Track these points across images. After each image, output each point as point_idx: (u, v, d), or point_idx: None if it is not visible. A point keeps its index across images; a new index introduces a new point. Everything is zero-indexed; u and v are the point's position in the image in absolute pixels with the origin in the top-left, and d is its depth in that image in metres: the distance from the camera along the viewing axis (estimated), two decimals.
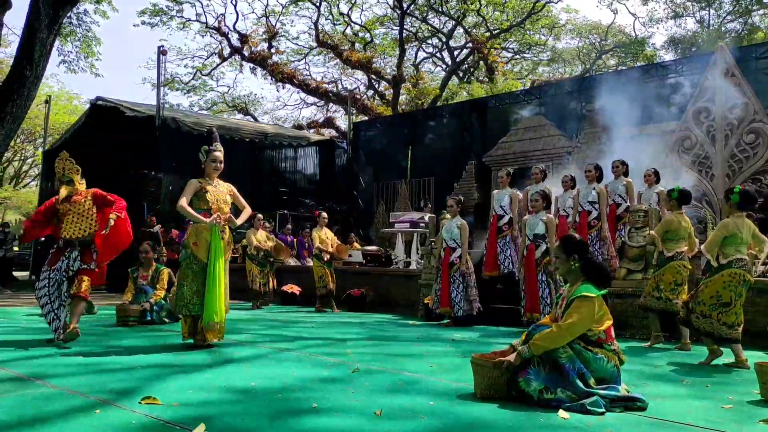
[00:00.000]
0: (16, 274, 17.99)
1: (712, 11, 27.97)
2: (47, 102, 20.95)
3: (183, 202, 5.37)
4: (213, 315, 5.28)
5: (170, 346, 5.57)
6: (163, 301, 7.74)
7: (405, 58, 29.65)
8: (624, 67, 25.24)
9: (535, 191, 7.64)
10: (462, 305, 7.85)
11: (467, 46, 30.07)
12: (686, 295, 5.83)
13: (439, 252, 8.24)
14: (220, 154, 5.59)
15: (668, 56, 27.80)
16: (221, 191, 5.60)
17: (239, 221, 5.62)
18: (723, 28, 27.69)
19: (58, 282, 5.43)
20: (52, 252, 5.63)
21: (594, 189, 8.34)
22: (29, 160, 39.42)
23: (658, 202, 8.41)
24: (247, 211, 5.86)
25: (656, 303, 6.19)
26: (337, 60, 30.51)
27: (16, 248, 20.49)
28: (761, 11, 26.82)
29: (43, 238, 18.68)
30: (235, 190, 5.75)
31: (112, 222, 5.48)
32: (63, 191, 5.58)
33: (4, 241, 16.81)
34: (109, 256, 5.88)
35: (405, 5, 27.50)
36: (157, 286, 7.76)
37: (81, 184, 5.71)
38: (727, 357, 5.25)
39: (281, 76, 29.02)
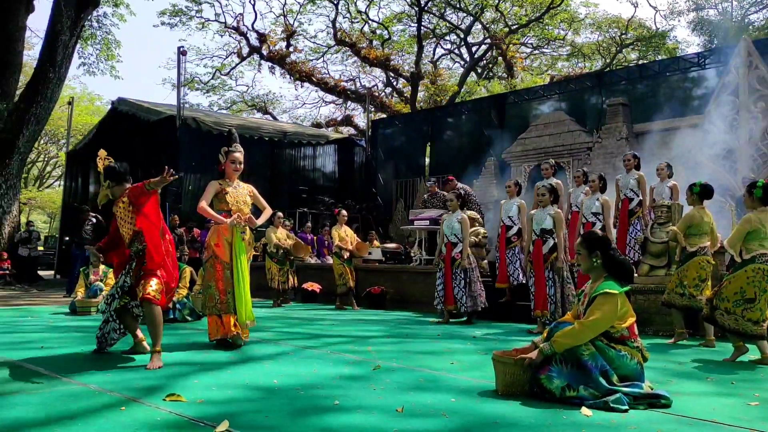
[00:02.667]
0: (41, 273, 18.26)
1: (734, 2, 27.55)
2: (70, 103, 21.24)
3: (203, 204, 5.42)
4: (244, 315, 5.34)
5: (193, 343, 5.63)
6: (185, 300, 7.82)
7: (423, 54, 29.62)
8: (645, 61, 24.94)
9: (542, 185, 7.53)
10: (465, 302, 7.76)
11: (485, 42, 29.93)
12: (710, 291, 5.76)
13: (440, 248, 8.15)
14: (239, 155, 5.60)
15: (690, 49, 27.44)
16: (241, 192, 5.61)
17: (259, 222, 5.64)
18: (746, 20, 27.25)
19: (111, 296, 4.80)
20: None
21: (597, 200, 7.94)
22: (53, 161, 40.02)
23: (670, 196, 8.30)
24: (268, 212, 5.88)
25: (680, 299, 6.12)
26: (355, 58, 30.56)
27: (40, 248, 20.82)
28: None
29: (67, 238, 19.01)
30: (255, 191, 5.77)
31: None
32: (102, 194, 4.92)
33: (29, 239, 17.07)
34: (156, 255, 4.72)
35: (422, 2, 27.43)
36: (180, 284, 7.83)
37: (113, 186, 4.91)
38: (752, 354, 5.19)
39: (299, 74, 29.13)
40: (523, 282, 8.15)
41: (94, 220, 12.60)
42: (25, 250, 16.87)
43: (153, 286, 4.55)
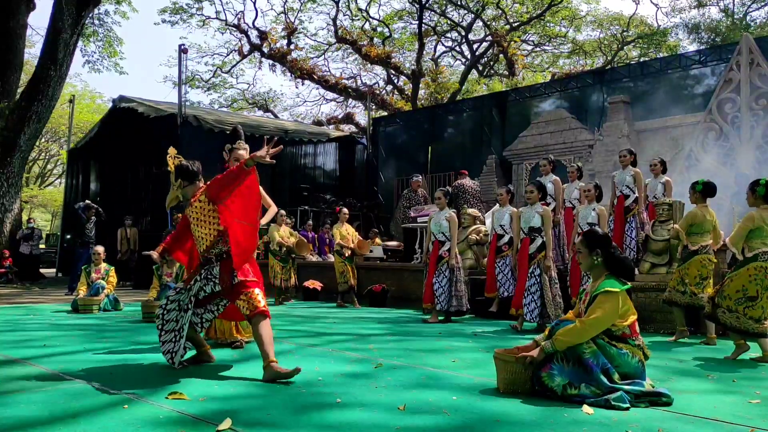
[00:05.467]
0: (42, 271, 18.29)
1: (736, 0, 27.49)
2: (71, 101, 21.24)
3: None
4: None
5: None
6: None
7: (424, 52, 29.58)
8: (646, 59, 24.90)
9: (530, 182, 7.43)
10: (448, 300, 7.63)
11: (486, 39, 29.90)
12: (711, 289, 5.77)
13: (427, 246, 8.04)
14: (244, 152, 5.45)
15: (690, 46, 27.41)
16: None
17: (265, 219, 5.59)
18: (748, 17, 27.20)
19: (183, 306, 4.22)
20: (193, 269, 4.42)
21: (594, 210, 7.51)
22: (54, 159, 40.05)
23: (663, 192, 8.28)
24: (273, 209, 5.83)
25: (681, 297, 6.13)
26: (356, 55, 30.55)
27: (42, 245, 20.85)
28: None
29: (69, 236, 19.00)
30: (260, 189, 5.72)
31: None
32: (172, 195, 4.32)
33: (31, 236, 17.06)
34: (241, 257, 4.20)
35: None
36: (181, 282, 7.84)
37: (185, 185, 4.51)
38: (753, 351, 5.19)
39: (300, 72, 29.10)
40: (513, 295, 7.70)
41: (94, 218, 12.65)
42: (27, 248, 16.87)
43: (259, 296, 4.13)
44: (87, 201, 14.12)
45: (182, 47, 16.18)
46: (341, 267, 10.31)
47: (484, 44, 30.44)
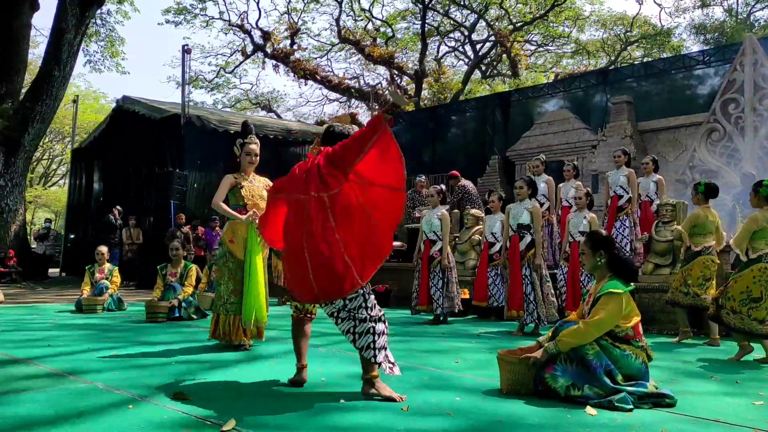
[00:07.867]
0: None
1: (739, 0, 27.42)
2: (75, 102, 21.29)
3: (218, 199, 5.21)
4: (250, 314, 5.10)
5: (199, 342, 5.64)
6: (191, 298, 7.83)
7: (427, 52, 29.57)
8: (650, 59, 24.86)
9: (520, 178, 7.36)
10: (441, 302, 7.49)
11: (490, 39, 29.88)
12: (714, 290, 5.77)
13: (419, 245, 7.90)
14: (255, 147, 5.33)
15: (694, 47, 27.36)
16: (257, 186, 5.38)
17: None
18: (752, 17, 27.14)
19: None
20: None
21: (585, 217, 7.41)
22: (58, 159, 40.13)
23: (656, 191, 8.27)
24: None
25: (684, 298, 6.13)
26: (359, 56, 30.57)
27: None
28: None
29: (72, 235, 19.03)
30: (271, 184, 5.66)
31: None
32: None
33: (46, 236, 17.06)
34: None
35: None
36: (186, 282, 7.86)
37: None
38: (757, 353, 5.19)
39: (303, 72, 29.13)
40: (503, 306, 7.46)
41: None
42: (41, 247, 16.86)
43: None
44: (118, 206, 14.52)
45: (186, 47, 16.21)
46: None
47: (487, 44, 30.44)
